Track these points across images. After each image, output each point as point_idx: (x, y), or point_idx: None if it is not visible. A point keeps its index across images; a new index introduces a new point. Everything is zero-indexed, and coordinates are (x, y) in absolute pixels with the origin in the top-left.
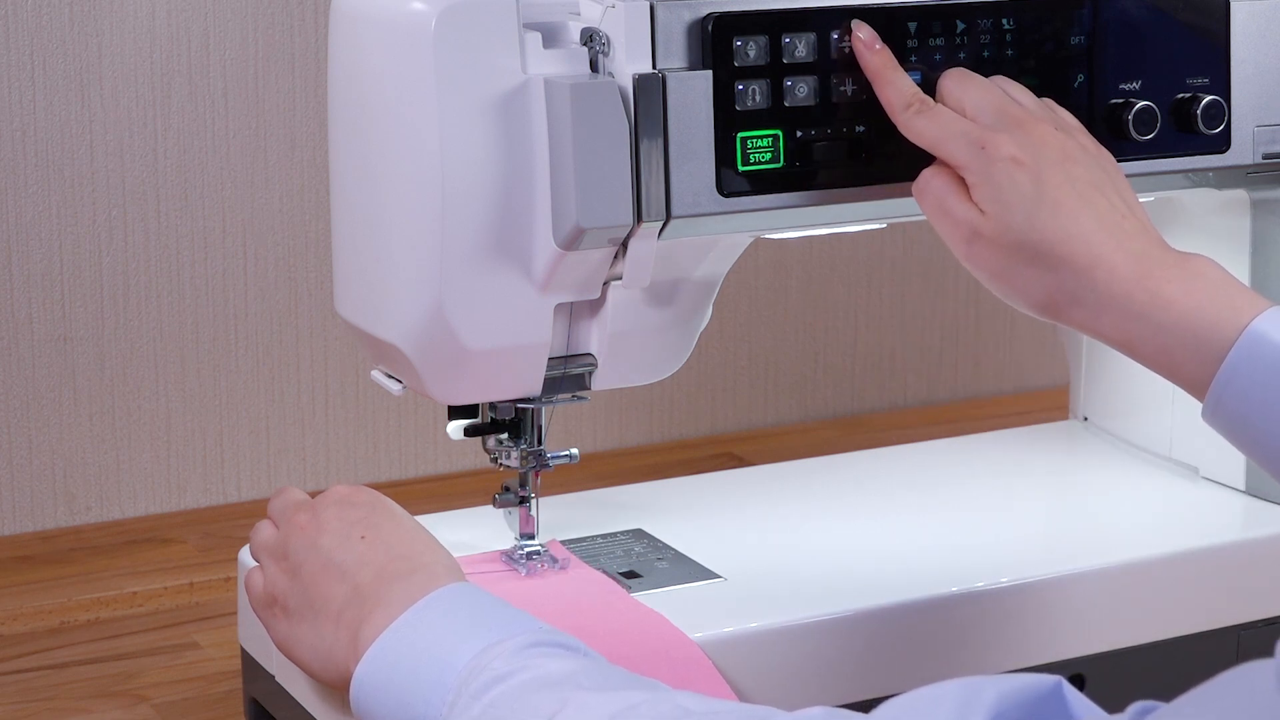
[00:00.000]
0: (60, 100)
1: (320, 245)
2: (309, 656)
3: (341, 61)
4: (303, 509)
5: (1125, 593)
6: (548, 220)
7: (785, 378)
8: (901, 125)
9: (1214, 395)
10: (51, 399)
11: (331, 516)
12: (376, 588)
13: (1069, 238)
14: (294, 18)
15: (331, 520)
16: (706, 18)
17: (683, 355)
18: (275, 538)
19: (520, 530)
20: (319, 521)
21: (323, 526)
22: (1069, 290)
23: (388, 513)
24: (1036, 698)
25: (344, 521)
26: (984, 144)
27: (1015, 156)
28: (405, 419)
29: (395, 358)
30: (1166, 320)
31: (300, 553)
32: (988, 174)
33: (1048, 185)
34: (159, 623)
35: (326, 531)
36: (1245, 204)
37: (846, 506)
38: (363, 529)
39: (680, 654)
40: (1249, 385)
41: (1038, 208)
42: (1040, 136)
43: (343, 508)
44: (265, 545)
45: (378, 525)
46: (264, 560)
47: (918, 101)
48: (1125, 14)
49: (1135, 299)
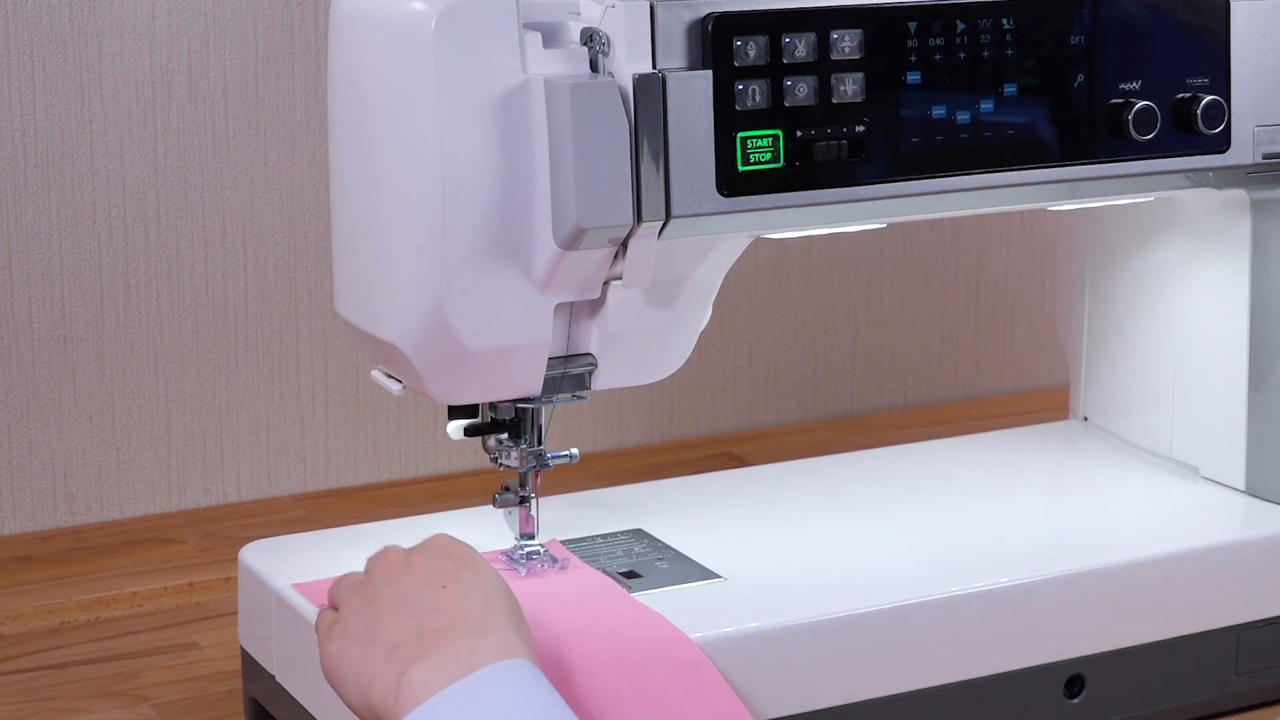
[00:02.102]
0: (60, 100)
1: (320, 245)
2: (348, 675)
3: (341, 61)
4: (398, 550)
5: (1125, 593)
6: (548, 220)
7: (785, 378)
8: None
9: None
10: (51, 399)
11: (421, 561)
12: (441, 637)
13: None
14: (294, 18)
15: (420, 564)
16: (706, 18)
17: (683, 355)
18: (360, 577)
19: (520, 530)
20: (409, 563)
21: (410, 567)
22: None
23: (475, 569)
24: None
25: (431, 569)
26: None
27: None
28: (405, 419)
29: (395, 358)
30: None
31: (380, 585)
32: None
33: None
34: (159, 623)
35: (412, 573)
36: (1245, 204)
37: (846, 506)
38: (446, 579)
39: (680, 654)
40: None
41: None
42: None
43: (435, 556)
44: (349, 583)
45: (461, 579)
46: (341, 596)
47: None
48: (1125, 14)
49: None
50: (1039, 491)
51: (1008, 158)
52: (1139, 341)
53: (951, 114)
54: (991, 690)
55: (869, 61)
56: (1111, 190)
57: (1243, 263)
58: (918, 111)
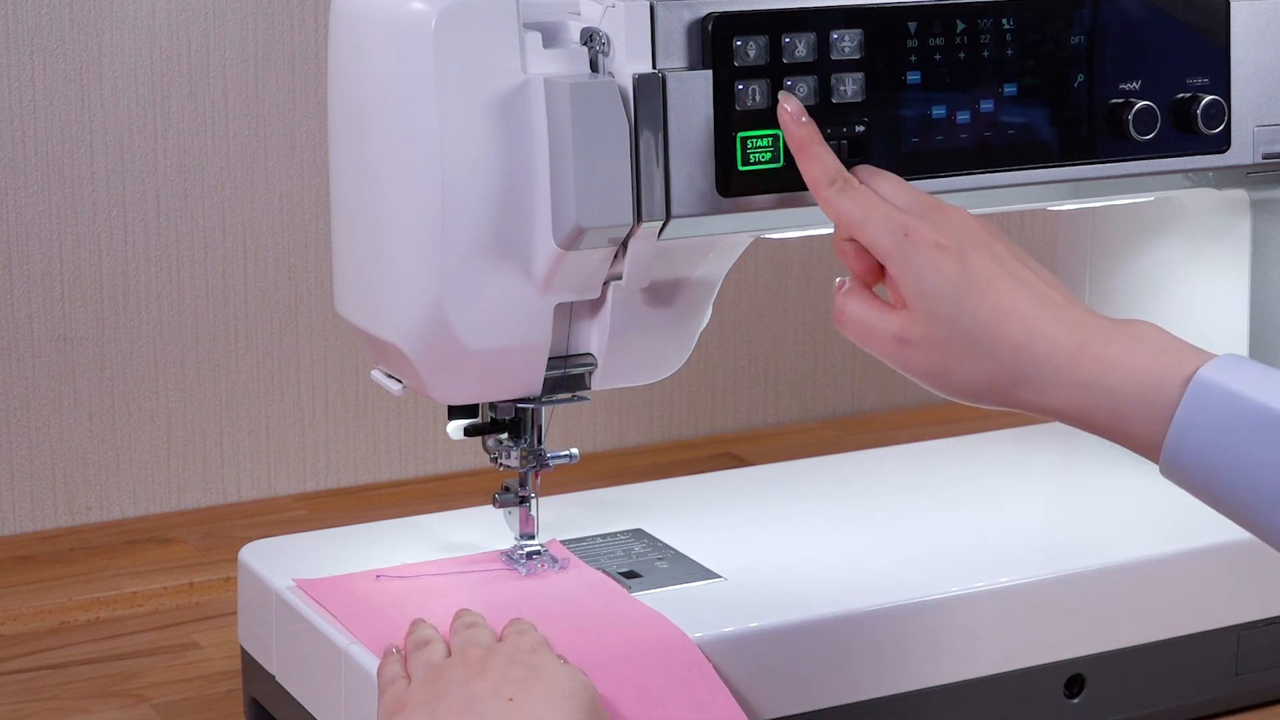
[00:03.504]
0: (60, 100)
1: (320, 245)
2: None
3: (341, 61)
4: (480, 646)
5: (1125, 593)
6: (548, 220)
7: (785, 378)
8: (823, 202)
9: (1169, 451)
10: (51, 399)
11: (497, 665)
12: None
13: (1003, 316)
14: (294, 18)
15: (495, 669)
16: (706, 18)
17: (683, 355)
18: (440, 655)
19: (520, 530)
20: (484, 664)
21: (484, 671)
22: (1010, 370)
23: (549, 682)
24: None
25: (503, 677)
26: (907, 230)
27: (938, 243)
28: (405, 419)
29: (395, 357)
30: (1114, 383)
31: (453, 683)
32: (910, 263)
33: (973, 267)
34: (159, 623)
35: (484, 678)
36: (1245, 204)
37: (846, 506)
38: (515, 690)
39: (680, 654)
40: (1201, 435)
41: (966, 292)
42: (959, 220)
43: (510, 662)
44: (426, 657)
45: (531, 691)
46: (415, 664)
47: (841, 179)
48: (1125, 14)
49: (1080, 366)
50: (1039, 491)
51: (1008, 158)
52: None
53: (951, 114)
54: (991, 690)
55: (869, 61)
56: (1111, 190)
57: (1243, 263)
58: (918, 111)
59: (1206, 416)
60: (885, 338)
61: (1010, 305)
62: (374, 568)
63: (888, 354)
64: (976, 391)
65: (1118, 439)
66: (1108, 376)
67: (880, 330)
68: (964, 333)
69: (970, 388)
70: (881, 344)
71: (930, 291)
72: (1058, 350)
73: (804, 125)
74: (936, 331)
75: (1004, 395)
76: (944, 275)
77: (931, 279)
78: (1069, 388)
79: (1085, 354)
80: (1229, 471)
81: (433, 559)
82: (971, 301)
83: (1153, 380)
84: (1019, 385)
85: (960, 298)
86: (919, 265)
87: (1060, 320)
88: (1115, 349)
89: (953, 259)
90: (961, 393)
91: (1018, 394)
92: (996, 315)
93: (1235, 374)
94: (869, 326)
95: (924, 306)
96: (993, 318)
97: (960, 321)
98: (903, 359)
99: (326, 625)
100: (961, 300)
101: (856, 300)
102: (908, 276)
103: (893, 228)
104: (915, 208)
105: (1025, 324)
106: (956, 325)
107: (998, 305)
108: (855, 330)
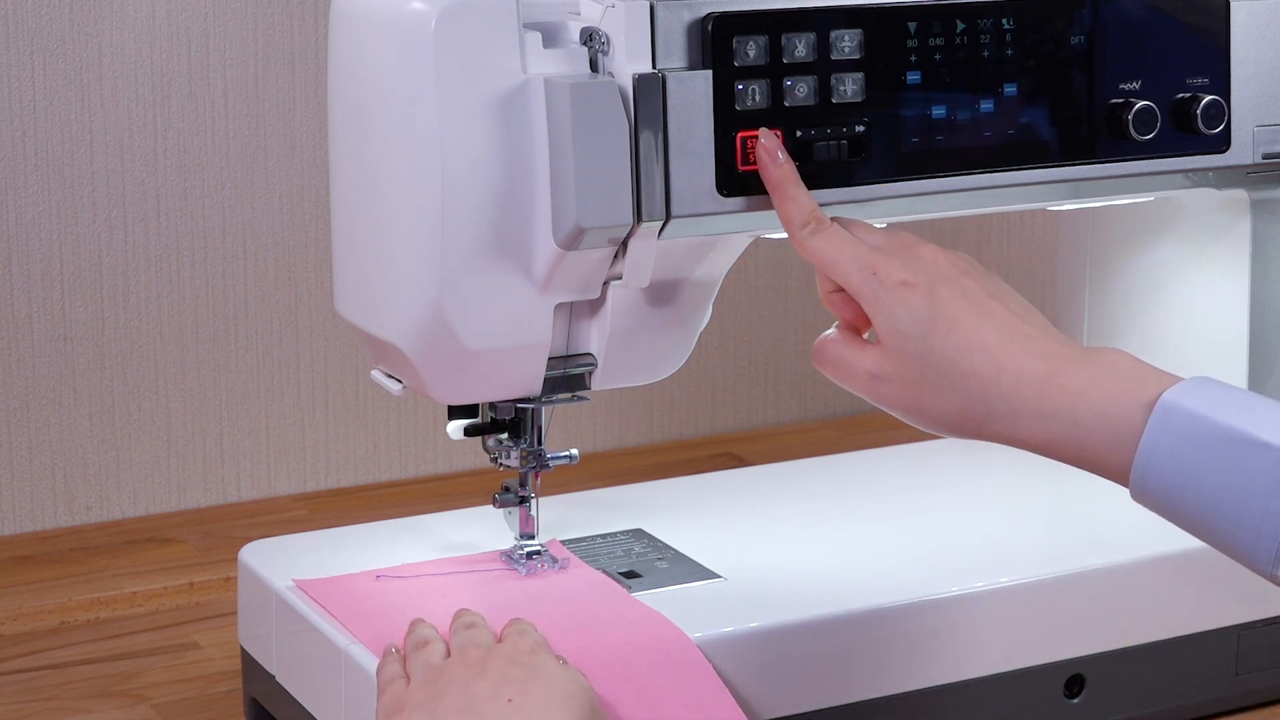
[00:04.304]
0: (60, 100)
1: (320, 245)
2: None
3: (341, 61)
4: (480, 646)
5: (1125, 593)
6: (548, 220)
7: (785, 378)
8: (798, 243)
9: (1136, 476)
10: (51, 399)
11: (496, 666)
12: None
13: (971, 351)
14: (294, 18)
15: (494, 670)
16: (706, 17)
17: (683, 355)
18: (439, 656)
19: (520, 530)
20: (484, 665)
21: (484, 672)
22: (980, 405)
23: (548, 684)
24: None
25: (502, 678)
26: (875, 269)
27: (905, 280)
28: (405, 419)
29: (395, 358)
30: (1081, 414)
31: (452, 684)
32: (880, 301)
33: (941, 303)
34: (159, 623)
35: (484, 678)
36: (1245, 204)
37: (846, 506)
38: (515, 692)
39: (680, 654)
40: (1166, 459)
41: (933, 328)
42: (929, 257)
43: (510, 664)
44: (425, 658)
45: (530, 693)
46: (415, 664)
47: (814, 220)
48: (1125, 14)
49: (1048, 398)
50: (1039, 491)
51: (1008, 158)
52: (1139, 341)
53: (951, 114)
54: (991, 690)
55: (869, 61)
56: (1111, 190)
57: (1243, 263)
58: (917, 111)
59: (1170, 440)
60: (860, 374)
61: (978, 340)
62: (374, 568)
63: (863, 390)
64: (949, 425)
65: (1089, 468)
66: (1075, 407)
67: (855, 367)
68: (933, 368)
69: (943, 421)
70: (856, 380)
71: (900, 329)
72: (1025, 383)
73: (781, 165)
74: (907, 367)
75: (976, 428)
76: (912, 312)
77: (900, 316)
78: (1037, 419)
79: (1053, 385)
80: (1194, 493)
81: (433, 559)
82: (939, 337)
83: (1118, 408)
84: (989, 419)
85: (928, 334)
86: (888, 303)
87: (1029, 353)
88: (1083, 379)
89: (921, 296)
90: (935, 426)
91: (989, 427)
92: (964, 350)
93: (1199, 396)
94: (845, 363)
95: (895, 343)
96: (960, 353)
97: (929, 357)
98: (877, 394)
99: (326, 625)
100: (929, 336)
101: (833, 339)
102: (879, 314)
103: (861, 266)
104: (886, 246)
105: (994, 358)
106: (926, 361)
107: (965, 340)
108: (832, 368)
